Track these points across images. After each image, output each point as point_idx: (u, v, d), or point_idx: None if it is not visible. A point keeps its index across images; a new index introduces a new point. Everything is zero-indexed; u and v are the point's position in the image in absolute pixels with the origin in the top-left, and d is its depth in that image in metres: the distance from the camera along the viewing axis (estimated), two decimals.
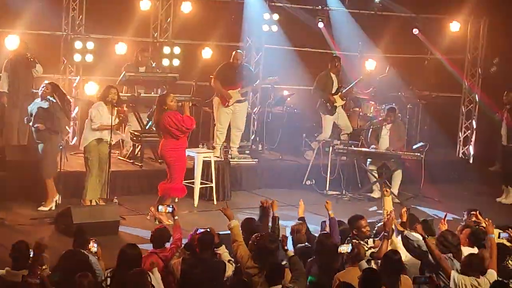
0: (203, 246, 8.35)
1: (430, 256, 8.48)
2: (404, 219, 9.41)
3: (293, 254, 8.18)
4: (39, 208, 11.91)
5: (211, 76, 14.79)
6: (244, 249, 8.50)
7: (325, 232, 9.22)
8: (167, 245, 8.86)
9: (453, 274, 8.26)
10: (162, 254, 8.60)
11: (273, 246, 8.30)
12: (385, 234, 8.76)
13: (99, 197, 12.10)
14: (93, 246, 8.26)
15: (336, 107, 15.43)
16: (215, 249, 8.58)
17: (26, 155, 12.54)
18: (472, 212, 9.97)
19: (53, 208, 11.88)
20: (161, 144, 12.08)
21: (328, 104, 15.36)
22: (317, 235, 9.33)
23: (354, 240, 8.82)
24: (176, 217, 9.19)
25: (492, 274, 8.39)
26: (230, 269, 8.42)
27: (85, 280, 7.17)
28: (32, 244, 7.78)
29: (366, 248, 8.88)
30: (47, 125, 11.73)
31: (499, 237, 9.12)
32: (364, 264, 8.19)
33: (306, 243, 9.24)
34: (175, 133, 11.87)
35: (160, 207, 9.52)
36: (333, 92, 15.41)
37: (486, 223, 9.12)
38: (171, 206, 9.35)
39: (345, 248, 8.28)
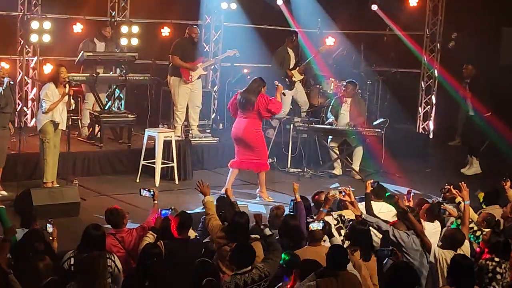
0: (181, 226, 8.37)
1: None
2: (368, 190, 9.51)
3: (270, 233, 8.08)
4: None
5: (170, 54, 14.65)
6: (216, 221, 8.61)
7: (291, 213, 9.19)
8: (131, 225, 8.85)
9: (434, 248, 8.32)
10: (118, 235, 8.56)
11: (242, 221, 8.35)
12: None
13: (57, 178, 11.98)
14: (49, 227, 8.17)
15: (295, 82, 15.42)
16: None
17: None
18: (446, 187, 10.07)
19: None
20: (246, 126, 12.43)
21: (286, 79, 15.35)
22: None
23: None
24: (155, 201, 9.16)
25: (466, 246, 8.49)
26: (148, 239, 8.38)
27: (41, 263, 7.08)
28: None
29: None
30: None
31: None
32: (335, 241, 8.16)
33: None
34: (264, 115, 12.45)
35: (143, 191, 9.34)
36: (291, 67, 15.40)
37: (460, 193, 9.28)
38: (151, 190, 9.28)
39: (316, 226, 8.26)
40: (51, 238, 8.13)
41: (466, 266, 7.44)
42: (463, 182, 9.62)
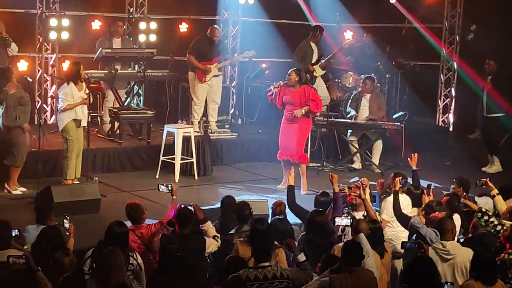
0: (181, 221, 8.29)
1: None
2: (397, 187, 9.46)
3: (304, 259, 7.88)
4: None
5: (187, 52, 14.65)
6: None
7: (318, 209, 9.14)
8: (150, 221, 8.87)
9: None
10: (137, 231, 8.57)
11: (263, 227, 8.26)
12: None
13: (78, 176, 12.03)
14: (66, 223, 8.20)
15: (316, 77, 15.38)
16: (200, 225, 8.52)
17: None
18: (482, 180, 10.05)
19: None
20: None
21: (307, 74, 15.31)
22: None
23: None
24: (174, 197, 9.17)
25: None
26: (214, 245, 8.34)
27: (67, 259, 7.11)
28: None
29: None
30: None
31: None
32: (362, 237, 8.09)
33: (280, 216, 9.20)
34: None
35: (161, 187, 9.36)
36: (313, 62, 15.35)
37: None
38: (170, 185, 9.29)
39: (341, 221, 8.16)
40: (68, 234, 8.16)
41: (488, 260, 7.41)
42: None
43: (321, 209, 9.07)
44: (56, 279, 7.02)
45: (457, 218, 9.31)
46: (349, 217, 8.18)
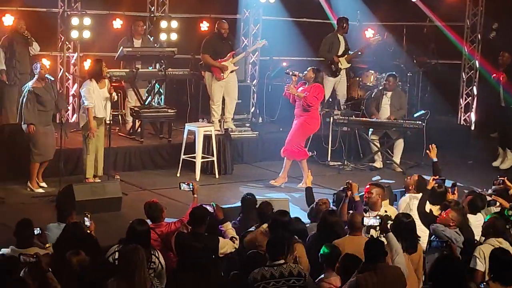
0: (194, 220, 8.26)
1: None
2: (430, 186, 9.49)
3: None
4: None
5: (201, 53, 14.63)
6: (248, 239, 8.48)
7: (331, 209, 9.09)
8: (171, 220, 8.88)
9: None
10: (157, 229, 8.58)
11: (285, 219, 8.27)
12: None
13: (100, 174, 12.07)
14: (86, 220, 8.22)
15: (341, 69, 15.36)
16: (219, 225, 8.52)
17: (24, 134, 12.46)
18: (500, 178, 9.98)
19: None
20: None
21: (333, 65, 15.31)
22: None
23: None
24: (195, 195, 9.17)
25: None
26: (229, 246, 8.28)
27: (74, 258, 7.10)
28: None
29: None
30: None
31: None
32: (390, 236, 8.01)
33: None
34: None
35: (182, 185, 9.35)
36: (339, 54, 15.33)
37: None
38: (191, 184, 9.29)
39: (369, 221, 8.10)
40: (88, 231, 8.18)
41: (506, 260, 7.33)
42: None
43: (333, 209, 9.06)
44: (66, 279, 7.03)
45: (480, 218, 9.27)
46: (377, 217, 8.07)
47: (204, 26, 16.14)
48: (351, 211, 9.01)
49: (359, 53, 15.71)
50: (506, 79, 14.75)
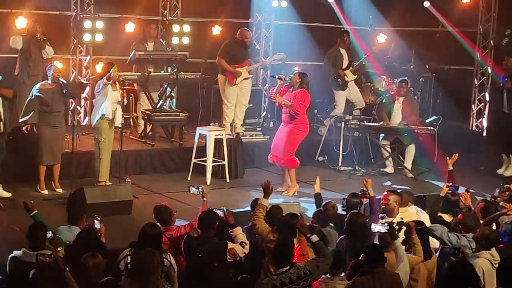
0: (203, 225, 8.27)
1: None
2: (443, 193, 9.50)
3: (317, 239, 7.85)
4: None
5: (217, 56, 14.66)
6: (263, 224, 8.50)
7: (356, 211, 9.06)
8: (182, 223, 8.89)
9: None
10: (167, 233, 8.58)
11: (294, 221, 8.25)
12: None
13: (110, 177, 12.11)
14: (96, 223, 8.23)
15: (348, 82, 15.34)
16: (229, 230, 8.50)
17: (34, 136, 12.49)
18: (506, 185, 9.93)
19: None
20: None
21: (339, 79, 15.28)
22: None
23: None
24: (204, 199, 9.16)
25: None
26: (238, 251, 8.26)
27: (91, 261, 7.12)
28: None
29: None
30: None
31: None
32: (397, 243, 8.01)
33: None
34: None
35: (192, 189, 9.33)
36: (344, 67, 15.32)
37: None
38: (200, 187, 9.30)
39: (377, 227, 8.08)
40: (98, 234, 8.20)
41: None
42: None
43: (359, 211, 9.01)
44: (81, 281, 7.04)
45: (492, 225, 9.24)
46: (385, 224, 8.05)
47: (216, 30, 16.15)
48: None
49: (363, 63, 15.69)
50: (510, 85, 14.64)
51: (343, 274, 7.76)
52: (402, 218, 8.96)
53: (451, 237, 8.57)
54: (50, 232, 7.84)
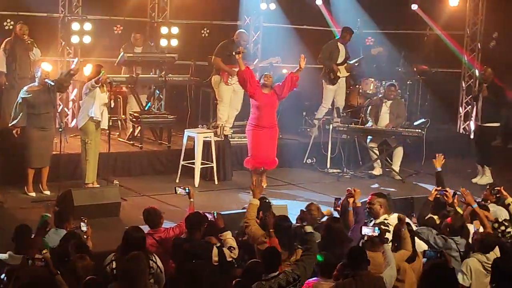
0: (190, 227, 8.30)
1: None
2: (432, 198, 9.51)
3: (311, 231, 7.93)
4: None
5: (210, 56, 14.69)
6: (255, 226, 8.49)
7: (334, 216, 9.10)
8: (169, 225, 8.88)
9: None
10: (156, 235, 8.59)
11: (286, 224, 8.29)
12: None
13: (97, 179, 12.08)
14: (83, 226, 8.21)
15: (339, 77, 15.38)
16: (219, 234, 8.48)
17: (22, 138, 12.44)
18: (496, 188, 9.96)
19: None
20: None
21: (331, 73, 15.34)
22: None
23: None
24: (191, 199, 9.18)
25: (496, 249, 8.39)
26: (227, 255, 8.27)
27: (80, 263, 7.10)
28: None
29: None
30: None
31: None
32: (387, 247, 8.01)
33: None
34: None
35: (178, 189, 9.36)
36: (338, 62, 15.36)
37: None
38: (187, 188, 9.30)
39: (368, 231, 8.09)
40: (85, 237, 8.18)
41: (508, 270, 7.30)
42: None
43: (337, 217, 9.06)
44: (70, 284, 7.02)
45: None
46: (376, 228, 8.07)
47: (205, 32, 16.15)
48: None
49: (356, 64, 15.73)
50: (487, 94, 14.60)
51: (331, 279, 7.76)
52: (386, 220, 8.99)
53: (438, 240, 8.60)
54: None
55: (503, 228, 8.92)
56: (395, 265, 7.78)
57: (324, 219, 9.29)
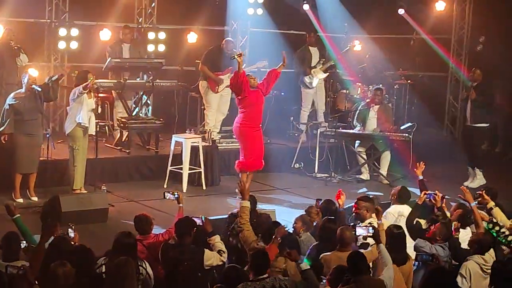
0: (180, 232, 8.29)
1: None
2: (420, 201, 9.50)
3: (307, 267, 7.80)
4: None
5: (197, 61, 14.70)
6: (249, 232, 8.44)
7: (330, 217, 9.10)
8: (158, 231, 8.87)
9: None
10: (145, 241, 8.57)
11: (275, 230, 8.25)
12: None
13: (85, 185, 12.05)
14: (70, 232, 8.19)
15: (317, 78, 15.45)
16: (208, 238, 8.48)
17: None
18: (478, 192, 9.99)
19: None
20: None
21: (306, 78, 15.45)
22: None
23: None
24: (180, 205, 9.17)
25: (491, 250, 8.43)
26: (215, 259, 8.28)
27: (60, 270, 7.04)
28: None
29: None
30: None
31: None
32: (382, 247, 8.01)
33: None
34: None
35: (167, 195, 9.38)
36: (312, 65, 15.46)
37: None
38: (176, 193, 9.29)
39: (361, 231, 8.09)
40: (72, 243, 8.15)
41: (507, 272, 7.33)
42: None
43: (332, 218, 9.04)
44: None
45: (468, 232, 9.29)
46: (370, 228, 8.09)
47: (192, 37, 16.13)
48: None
49: (332, 63, 15.78)
50: (475, 96, 14.64)
51: None
52: (371, 223, 9.01)
53: (438, 250, 8.58)
54: (25, 242, 7.78)
55: (497, 228, 8.95)
56: (391, 265, 7.79)
57: None
